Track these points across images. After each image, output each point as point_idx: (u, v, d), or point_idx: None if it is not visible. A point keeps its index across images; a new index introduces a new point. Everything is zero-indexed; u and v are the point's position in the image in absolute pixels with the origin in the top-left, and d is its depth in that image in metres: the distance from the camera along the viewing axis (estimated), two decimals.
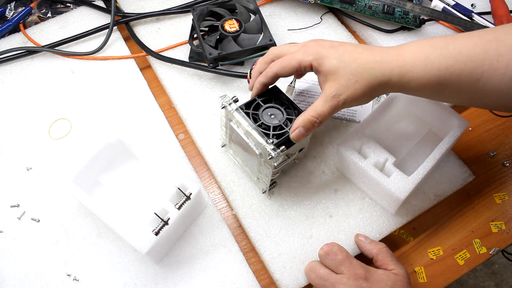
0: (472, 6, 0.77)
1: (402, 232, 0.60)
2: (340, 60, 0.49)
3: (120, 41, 0.72)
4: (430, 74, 0.47)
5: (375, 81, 0.48)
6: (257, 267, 0.57)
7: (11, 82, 0.68)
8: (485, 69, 0.45)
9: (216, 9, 0.69)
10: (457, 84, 0.47)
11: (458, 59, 0.46)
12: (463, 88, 0.47)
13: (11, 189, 0.60)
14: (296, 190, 0.60)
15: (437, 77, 0.47)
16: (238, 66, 0.69)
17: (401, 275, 0.50)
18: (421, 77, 0.47)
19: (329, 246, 0.52)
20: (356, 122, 0.65)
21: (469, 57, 0.46)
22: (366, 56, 0.49)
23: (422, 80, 0.47)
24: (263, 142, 0.50)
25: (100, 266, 0.55)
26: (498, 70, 0.45)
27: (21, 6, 0.76)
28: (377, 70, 0.48)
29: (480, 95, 0.47)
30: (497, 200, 0.62)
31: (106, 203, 0.56)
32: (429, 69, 0.47)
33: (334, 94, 0.49)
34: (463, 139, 0.65)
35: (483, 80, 0.46)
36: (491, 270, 1.38)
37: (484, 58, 0.46)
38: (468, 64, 0.46)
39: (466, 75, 0.46)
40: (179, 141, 0.64)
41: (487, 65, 0.45)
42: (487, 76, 0.45)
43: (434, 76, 0.47)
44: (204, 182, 0.62)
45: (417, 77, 0.47)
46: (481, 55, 0.46)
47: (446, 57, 0.47)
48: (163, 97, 0.68)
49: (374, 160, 0.55)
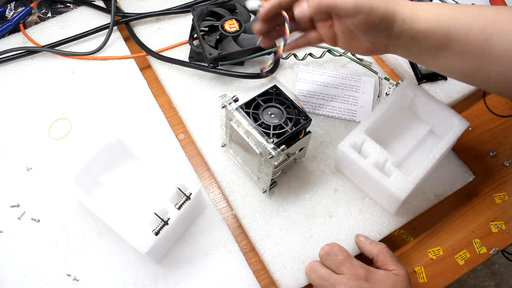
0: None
1: (402, 232, 0.60)
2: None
3: (120, 41, 0.72)
4: (441, 19, 0.46)
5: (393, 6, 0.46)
6: (257, 267, 0.57)
7: (11, 82, 0.68)
8: (495, 29, 0.44)
9: (216, 9, 0.69)
10: (465, 40, 0.45)
11: (469, 14, 0.46)
12: (470, 46, 0.45)
13: (11, 189, 0.60)
14: (296, 190, 0.60)
15: (447, 25, 0.45)
16: (238, 66, 0.69)
17: (402, 276, 0.50)
18: (430, 19, 0.46)
19: (329, 246, 0.52)
20: (356, 122, 0.65)
21: (480, 15, 0.45)
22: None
23: (432, 23, 0.46)
24: (263, 141, 0.50)
25: (100, 266, 0.55)
26: (508, 35, 0.44)
27: (21, 6, 0.76)
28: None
29: (487, 58, 0.46)
30: (497, 200, 0.62)
31: (106, 203, 0.56)
32: (441, 14, 0.46)
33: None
34: (463, 139, 0.65)
35: (492, 41, 0.44)
36: (491, 270, 1.38)
37: (495, 20, 0.45)
38: (479, 22, 0.45)
39: (475, 32, 0.45)
40: (179, 141, 0.64)
41: (497, 27, 0.44)
42: (497, 38, 0.44)
43: (444, 23, 0.45)
44: (204, 182, 0.62)
45: (428, 18, 0.46)
46: (492, 16, 0.45)
47: (458, 10, 0.46)
48: (163, 97, 0.68)
49: (374, 160, 0.55)
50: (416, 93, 0.59)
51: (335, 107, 0.66)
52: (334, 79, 0.68)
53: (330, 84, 0.68)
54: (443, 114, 0.58)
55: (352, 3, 0.45)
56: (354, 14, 0.45)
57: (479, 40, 0.45)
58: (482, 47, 0.45)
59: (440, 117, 0.59)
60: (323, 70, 0.69)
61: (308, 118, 0.53)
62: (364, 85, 0.68)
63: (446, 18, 0.46)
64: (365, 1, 0.45)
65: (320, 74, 0.69)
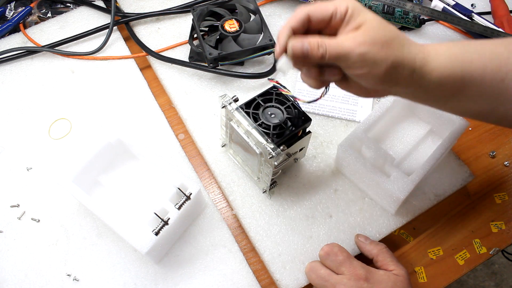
0: (472, 6, 0.77)
1: (402, 232, 0.60)
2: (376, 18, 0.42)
3: (120, 41, 0.72)
4: (453, 65, 0.42)
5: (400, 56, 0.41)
6: (257, 267, 0.57)
7: (11, 82, 0.68)
8: (509, 68, 0.42)
9: (216, 9, 0.69)
10: (481, 82, 0.42)
11: (482, 54, 0.43)
12: (486, 88, 0.43)
13: (11, 189, 0.60)
14: (296, 190, 0.60)
15: (461, 70, 0.42)
16: (238, 66, 0.69)
17: (402, 276, 0.50)
18: (444, 66, 0.42)
19: (329, 246, 0.52)
20: (356, 122, 0.65)
21: (493, 54, 0.43)
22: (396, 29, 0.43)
23: (446, 71, 0.42)
24: (264, 141, 0.50)
25: (100, 266, 0.55)
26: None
27: (21, 6, 0.76)
28: (406, 45, 0.42)
29: (503, 98, 0.43)
30: (497, 200, 0.62)
31: (106, 203, 0.56)
32: (453, 60, 0.43)
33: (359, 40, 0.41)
34: (463, 139, 0.65)
35: (508, 81, 0.42)
36: (491, 270, 1.38)
37: (508, 57, 0.43)
38: (493, 61, 0.43)
39: (490, 72, 0.42)
40: (179, 141, 0.64)
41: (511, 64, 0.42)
42: None
43: (458, 68, 0.42)
44: (204, 182, 0.62)
45: (441, 66, 0.42)
46: (505, 54, 0.43)
47: (470, 51, 0.43)
48: (163, 97, 0.68)
49: (374, 160, 0.55)
50: None
51: (335, 107, 0.66)
52: None
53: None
54: (443, 114, 0.58)
55: (356, 55, 0.41)
56: (358, 67, 0.41)
57: (495, 81, 0.43)
58: (498, 87, 0.43)
59: (440, 117, 0.59)
60: None
61: (308, 118, 0.53)
62: None
63: (459, 63, 0.42)
64: (370, 54, 0.41)
65: None
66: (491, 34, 0.69)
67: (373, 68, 0.41)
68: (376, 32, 0.41)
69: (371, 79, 0.42)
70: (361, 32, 0.41)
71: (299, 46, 0.42)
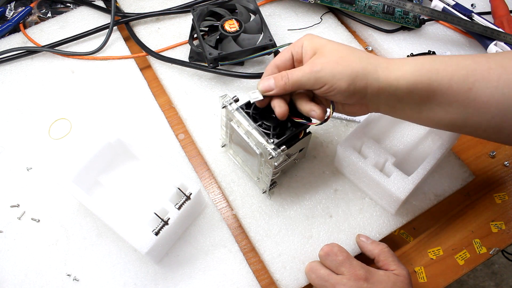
0: (472, 6, 0.77)
1: (402, 232, 0.60)
2: (330, 42, 0.48)
3: (120, 41, 0.72)
4: (420, 73, 0.45)
5: (359, 66, 0.46)
6: (257, 267, 0.57)
7: (11, 82, 0.68)
8: (476, 78, 0.44)
9: (216, 9, 0.69)
10: (449, 90, 0.45)
11: (449, 64, 0.45)
12: (455, 96, 0.45)
13: (11, 189, 0.60)
14: (296, 190, 0.60)
15: (428, 78, 0.45)
16: (238, 66, 0.69)
17: (402, 276, 0.50)
18: (410, 74, 0.45)
19: (329, 246, 0.52)
20: (356, 122, 0.65)
21: (459, 65, 0.45)
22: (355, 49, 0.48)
23: (412, 78, 0.45)
24: (264, 142, 0.50)
25: (100, 266, 0.55)
26: (490, 82, 0.43)
27: (21, 6, 0.76)
28: (365, 58, 0.47)
29: (473, 107, 0.45)
30: (497, 200, 0.62)
31: (106, 203, 0.56)
32: (420, 68, 0.45)
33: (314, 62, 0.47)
34: (463, 139, 0.65)
35: (475, 90, 0.44)
36: (491, 270, 1.38)
37: (475, 68, 0.44)
38: (460, 71, 0.44)
39: (457, 81, 0.44)
40: (179, 141, 0.64)
41: (478, 75, 0.44)
42: (479, 86, 0.44)
43: (425, 77, 0.45)
44: (204, 182, 0.62)
45: (407, 73, 0.45)
46: (472, 65, 0.44)
47: (436, 62, 0.45)
48: (163, 97, 0.68)
49: (374, 160, 0.55)
50: None
51: None
52: None
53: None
54: None
55: (313, 75, 0.46)
56: (320, 84, 0.46)
57: (463, 89, 0.44)
58: (466, 96, 0.44)
59: None
60: None
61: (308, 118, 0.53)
62: None
63: (426, 71, 0.45)
64: (326, 71, 0.46)
65: None
66: (491, 34, 0.69)
67: (334, 82, 0.46)
68: (330, 53, 0.47)
69: (338, 94, 0.47)
70: (316, 56, 0.48)
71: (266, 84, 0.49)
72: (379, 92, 0.47)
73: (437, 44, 0.73)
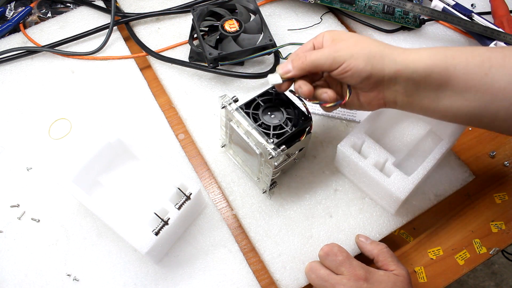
0: (472, 6, 0.77)
1: (402, 232, 0.60)
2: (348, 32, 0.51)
3: (120, 41, 0.72)
4: (436, 58, 0.45)
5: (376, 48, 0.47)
6: (257, 267, 0.57)
7: (11, 82, 0.68)
8: (492, 64, 0.44)
9: (216, 9, 0.69)
10: (465, 75, 0.45)
11: (464, 51, 0.46)
12: (471, 81, 0.45)
13: (11, 189, 0.60)
14: (296, 190, 0.60)
15: (444, 62, 0.45)
16: (238, 66, 0.69)
17: (402, 276, 0.50)
18: (427, 57, 0.45)
19: (329, 246, 0.52)
20: (356, 122, 0.65)
21: (474, 52, 0.45)
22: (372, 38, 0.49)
23: (429, 62, 0.45)
24: (264, 142, 0.50)
25: (100, 266, 0.55)
26: (506, 69, 0.44)
27: (21, 6, 0.76)
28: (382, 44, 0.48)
29: (491, 94, 0.45)
30: (497, 200, 0.62)
31: (106, 203, 0.56)
32: (436, 53, 0.46)
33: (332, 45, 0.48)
34: (463, 139, 0.65)
35: (492, 75, 0.44)
36: (491, 270, 1.38)
37: (490, 55, 0.45)
38: (475, 57, 0.45)
39: (473, 66, 0.44)
40: (179, 141, 0.64)
41: (493, 61, 0.44)
42: (495, 72, 0.44)
43: (441, 61, 0.45)
44: (204, 182, 0.62)
45: (423, 57, 0.46)
46: (486, 53, 0.45)
47: (452, 49, 0.46)
48: (163, 97, 0.68)
49: (374, 160, 0.55)
50: None
51: None
52: None
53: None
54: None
55: (331, 57, 0.47)
56: (338, 64, 0.47)
57: (479, 74, 0.44)
58: (483, 81, 0.44)
59: None
60: None
61: (308, 118, 0.53)
62: None
63: (441, 57, 0.45)
64: (344, 51, 0.47)
65: None
66: (491, 34, 0.69)
67: (352, 61, 0.46)
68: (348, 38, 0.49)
69: (355, 74, 0.47)
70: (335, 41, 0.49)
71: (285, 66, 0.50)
72: (396, 75, 0.47)
73: (437, 44, 0.73)
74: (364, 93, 0.50)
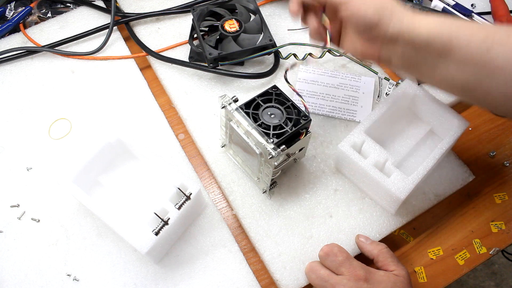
0: (472, 6, 0.77)
1: (402, 232, 0.60)
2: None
3: (120, 41, 0.72)
4: (442, 26, 0.46)
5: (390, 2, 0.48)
6: (257, 267, 0.57)
7: (11, 82, 0.68)
8: (496, 40, 0.44)
9: (216, 9, 0.69)
10: (467, 47, 0.45)
11: (470, 25, 0.46)
12: (472, 55, 0.45)
13: (11, 189, 0.60)
14: (296, 190, 0.60)
15: (449, 32, 0.45)
16: (238, 66, 0.69)
17: (402, 276, 0.50)
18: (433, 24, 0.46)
19: (329, 247, 0.52)
20: (356, 122, 0.65)
21: (480, 27, 0.46)
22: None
23: (434, 29, 0.46)
24: (263, 142, 0.50)
25: (100, 266, 0.55)
26: (508, 46, 0.44)
27: (21, 6, 0.76)
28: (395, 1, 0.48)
29: (488, 70, 0.45)
30: (497, 200, 0.62)
31: (106, 203, 0.56)
32: (442, 22, 0.46)
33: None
34: (463, 139, 0.65)
35: (493, 52, 0.44)
36: (491, 270, 1.38)
37: (495, 31, 0.45)
38: (480, 32, 0.45)
39: (476, 40, 0.45)
40: (179, 141, 0.64)
41: (497, 38, 0.44)
42: (498, 49, 0.44)
43: (447, 30, 0.46)
44: (204, 182, 0.62)
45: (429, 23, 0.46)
46: (492, 29, 0.46)
47: (458, 21, 0.47)
48: (163, 97, 0.68)
49: (374, 160, 0.55)
50: (416, 93, 0.59)
51: (335, 107, 0.66)
52: (334, 79, 0.68)
53: (330, 84, 0.68)
54: (443, 114, 0.58)
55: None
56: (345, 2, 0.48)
57: (481, 49, 0.45)
58: (483, 57, 0.45)
59: (440, 117, 0.59)
60: (323, 70, 0.69)
61: (308, 118, 0.53)
62: (364, 85, 0.68)
63: (448, 25, 0.46)
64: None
65: (320, 74, 0.69)
66: None
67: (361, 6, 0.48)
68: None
69: (360, 18, 0.48)
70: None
71: None
72: (399, 34, 0.47)
73: None
74: (361, 41, 0.50)
